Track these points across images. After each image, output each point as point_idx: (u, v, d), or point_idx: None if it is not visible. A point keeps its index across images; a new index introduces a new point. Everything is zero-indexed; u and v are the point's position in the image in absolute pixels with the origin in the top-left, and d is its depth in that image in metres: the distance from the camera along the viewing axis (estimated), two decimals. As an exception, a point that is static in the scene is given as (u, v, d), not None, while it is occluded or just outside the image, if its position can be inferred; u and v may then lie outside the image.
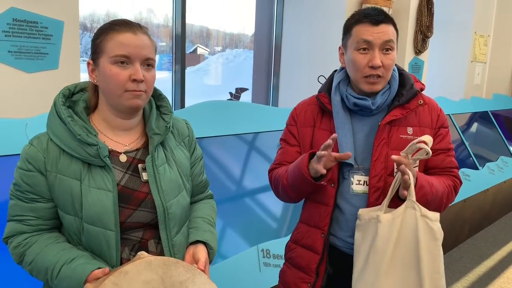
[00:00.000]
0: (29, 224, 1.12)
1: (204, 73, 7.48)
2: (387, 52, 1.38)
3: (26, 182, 1.10)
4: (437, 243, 1.33)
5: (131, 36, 1.10)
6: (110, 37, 1.10)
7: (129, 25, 1.12)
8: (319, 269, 1.47)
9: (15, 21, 1.99)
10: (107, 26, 1.12)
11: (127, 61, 1.10)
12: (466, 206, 3.95)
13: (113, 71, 1.09)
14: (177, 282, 1.06)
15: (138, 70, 1.10)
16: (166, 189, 1.17)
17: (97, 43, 1.12)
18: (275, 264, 2.26)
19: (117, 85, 1.10)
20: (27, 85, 2.08)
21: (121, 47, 1.09)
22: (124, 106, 1.13)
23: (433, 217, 1.34)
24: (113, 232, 1.10)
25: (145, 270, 1.03)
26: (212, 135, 2.45)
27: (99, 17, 4.41)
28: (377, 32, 1.36)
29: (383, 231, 1.32)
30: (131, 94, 1.11)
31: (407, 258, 1.32)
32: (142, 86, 1.11)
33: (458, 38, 5.29)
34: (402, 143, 1.41)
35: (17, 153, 1.65)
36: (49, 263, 1.07)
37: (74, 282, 1.04)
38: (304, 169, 1.35)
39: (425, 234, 1.32)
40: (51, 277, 1.07)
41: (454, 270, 3.56)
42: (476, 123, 5.11)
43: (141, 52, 1.11)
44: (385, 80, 1.41)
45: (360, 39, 1.38)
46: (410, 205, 1.32)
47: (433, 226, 1.33)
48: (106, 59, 1.10)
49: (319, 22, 4.00)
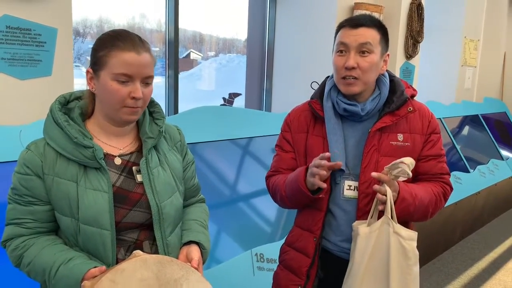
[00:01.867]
0: (27, 227, 1.15)
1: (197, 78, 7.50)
2: (363, 54, 1.39)
3: (24, 186, 1.13)
4: (408, 262, 1.35)
5: (134, 56, 1.12)
6: (114, 54, 1.11)
7: (133, 42, 1.13)
8: (310, 272, 1.49)
9: (9, 28, 2.00)
10: (110, 40, 1.13)
11: (128, 79, 1.12)
12: (457, 209, 3.98)
13: (114, 87, 1.12)
14: (171, 280, 1.09)
15: (138, 89, 1.13)
16: (160, 190, 1.21)
17: (99, 56, 1.13)
18: (269, 268, 2.27)
19: (116, 101, 1.13)
20: (20, 92, 2.08)
21: (124, 67, 1.11)
22: (120, 119, 1.17)
23: (406, 236, 1.36)
24: (109, 231, 1.13)
25: (141, 268, 1.06)
26: (206, 140, 2.46)
27: (92, 23, 4.41)
28: (354, 35, 1.39)
29: (360, 244, 1.37)
30: (129, 110, 1.15)
31: (379, 273, 1.36)
32: (140, 102, 1.15)
33: (448, 42, 5.35)
34: (392, 150, 1.44)
35: (11, 160, 1.65)
36: (47, 264, 1.10)
37: (71, 281, 1.06)
38: (302, 183, 1.38)
39: (396, 251, 1.35)
40: (49, 278, 1.09)
41: (446, 272, 3.59)
42: (467, 127, 5.16)
43: (143, 71, 1.13)
44: (363, 82, 1.41)
45: (338, 42, 1.42)
46: (386, 221, 1.36)
47: (405, 245, 1.35)
48: (108, 74, 1.12)
49: (311, 28, 4.04)
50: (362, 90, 1.43)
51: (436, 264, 3.73)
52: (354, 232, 1.40)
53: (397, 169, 1.32)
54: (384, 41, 1.44)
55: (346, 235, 1.45)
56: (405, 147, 1.45)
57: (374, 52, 1.40)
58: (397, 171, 1.32)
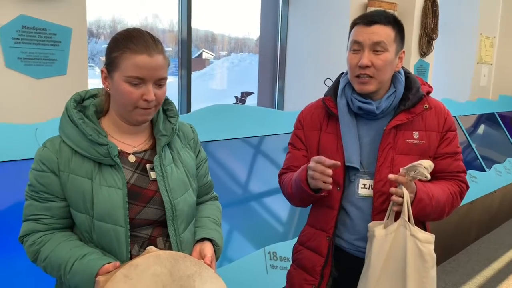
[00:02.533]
0: (43, 223, 1.16)
1: (210, 78, 7.52)
2: (377, 52, 1.37)
3: (40, 183, 1.15)
4: (425, 265, 1.34)
5: (146, 58, 1.11)
6: (126, 56, 1.11)
7: (146, 44, 1.12)
8: (324, 272, 1.48)
9: (25, 28, 2.03)
10: (124, 42, 1.13)
11: (140, 82, 1.13)
12: (473, 208, 3.93)
13: (126, 89, 1.12)
14: (184, 276, 1.10)
15: (150, 91, 1.13)
16: (174, 187, 1.22)
17: (112, 58, 1.14)
18: (282, 267, 2.26)
19: (129, 102, 1.14)
20: (36, 91, 2.11)
21: (136, 70, 1.11)
22: (133, 120, 1.19)
23: (423, 239, 1.34)
24: (123, 228, 1.15)
25: (154, 264, 1.07)
26: (218, 139, 2.47)
27: (105, 23, 4.46)
28: (367, 33, 1.37)
29: (376, 246, 1.36)
30: (142, 111, 1.16)
31: (395, 275, 1.35)
32: (153, 103, 1.16)
33: (463, 40, 5.28)
34: (408, 148, 1.42)
35: (27, 158, 1.68)
36: (62, 259, 1.12)
37: (86, 276, 1.08)
38: (304, 182, 1.37)
39: (413, 255, 1.34)
40: (64, 272, 1.11)
41: (462, 272, 3.54)
42: (483, 125, 5.09)
43: (155, 73, 1.13)
44: (378, 81, 1.39)
45: (352, 40, 1.40)
46: (402, 223, 1.35)
47: (422, 248, 1.34)
48: (120, 76, 1.12)
49: (324, 26, 4.02)
50: (377, 88, 1.41)
51: (451, 264, 3.69)
52: (370, 234, 1.39)
53: (415, 171, 1.30)
54: (399, 38, 1.41)
55: (361, 234, 1.44)
56: (420, 145, 1.43)
57: (388, 50, 1.37)
58: (415, 173, 1.30)
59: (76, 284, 1.10)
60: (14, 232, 1.34)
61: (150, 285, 1.05)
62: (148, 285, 1.05)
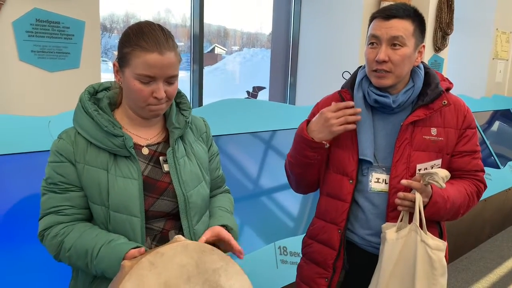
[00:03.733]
0: (65, 214, 1.16)
1: (222, 72, 7.53)
2: (395, 47, 1.35)
3: (59, 173, 1.15)
4: (434, 272, 1.33)
5: (157, 57, 1.10)
6: (137, 54, 1.11)
7: (157, 41, 1.11)
8: (336, 265, 1.47)
9: (38, 22, 2.04)
10: (135, 38, 1.12)
11: (151, 80, 1.12)
12: (487, 206, 3.88)
13: (137, 86, 1.12)
14: (210, 269, 1.10)
15: (160, 89, 1.13)
16: (187, 179, 1.22)
17: (124, 53, 1.13)
18: (292, 262, 2.26)
19: (140, 99, 1.14)
20: (49, 84, 2.13)
21: (146, 68, 1.10)
22: (145, 115, 1.19)
23: (433, 246, 1.33)
24: (139, 218, 1.15)
25: (181, 254, 1.06)
26: (229, 133, 2.47)
27: (118, 18, 4.48)
28: (385, 27, 1.35)
29: (387, 249, 1.35)
30: (152, 107, 1.16)
31: (405, 281, 1.34)
32: (163, 100, 1.15)
33: (479, 35, 5.20)
34: (425, 144, 1.40)
35: (40, 150, 1.69)
36: (89, 245, 1.11)
37: (113, 260, 1.08)
38: (304, 131, 1.39)
39: (422, 261, 1.33)
40: (91, 258, 1.10)
41: (474, 270, 3.50)
42: (498, 122, 5.01)
43: (166, 72, 1.13)
44: (395, 76, 1.37)
45: (370, 34, 1.39)
46: (414, 228, 1.34)
47: (431, 255, 1.33)
48: (131, 73, 1.12)
49: (336, 20, 3.98)
50: (394, 83, 1.39)
51: (464, 262, 3.65)
52: (383, 236, 1.38)
53: (430, 178, 1.29)
54: (419, 31, 1.38)
55: (375, 229, 1.43)
56: (438, 142, 1.41)
57: (406, 45, 1.35)
58: (430, 178, 1.29)
59: (103, 269, 1.09)
60: (28, 223, 1.36)
61: (175, 274, 1.05)
62: (173, 274, 1.04)
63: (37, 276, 1.64)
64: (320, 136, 1.37)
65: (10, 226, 1.65)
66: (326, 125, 1.35)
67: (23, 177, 1.70)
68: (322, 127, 1.36)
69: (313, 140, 1.38)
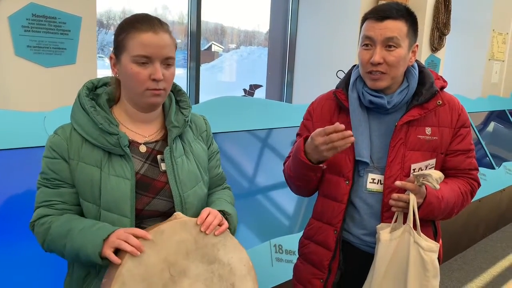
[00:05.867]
0: (56, 208, 1.16)
1: (219, 70, 7.52)
2: (390, 49, 1.33)
3: (52, 169, 1.15)
4: (426, 273, 1.33)
5: (152, 36, 1.11)
6: (132, 35, 1.11)
7: (151, 23, 1.13)
8: (332, 266, 1.47)
9: (34, 17, 2.03)
10: (129, 23, 1.14)
11: (147, 60, 1.12)
12: (481, 206, 3.90)
13: (134, 70, 1.12)
14: (209, 244, 1.13)
15: (157, 70, 1.12)
16: (184, 179, 1.21)
17: (119, 40, 1.14)
18: (287, 260, 2.26)
19: (138, 84, 1.13)
20: (45, 80, 2.12)
21: (142, 48, 1.11)
22: (144, 103, 1.17)
23: (426, 247, 1.34)
24: (128, 219, 1.14)
25: (180, 230, 1.10)
26: (226, 131, 2.46)
27: (115, 14, 4.46)
28: (379, 28, 1.33)
29: (381, 250, 1.36)
30: (151, 92, 1.14)
31: (397, 281, 1.35)
32: (162, 84, 1.14)
33: (475, 35, 5.21)
34: (420, 144, 1.40)
35: (35, 146, 1.68)
36: (74, 226, 1.10)
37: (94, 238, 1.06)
38: (301, 153, 1.35)
39: (414, 262, 1.33)
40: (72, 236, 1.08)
41: (468, 270, 3.52)
42: (493, 122, 5.03)
43: (161, 52, 1.13)
44: (390, 77, 1.36)
45: (364, 35, 1.37)
46: (407, 229, 1.34)
47: (424, 256, 1.33)
48: (128, 57, 1.12)
49: (334, 19, 3.98)
50: (390, 84, 1.38)
51: (458, 261, 3.66)
52: (377, 236, 1.38)
53: (424, 179, 1.29)
54: (412, 31, 1.37)
55: (370, 229, 1.43)
56: (432, 141, 1.40)
57: (401, 46, 1.34)
58: (424, 179, 1.29)
59: (81, 244, 1.07)
60: (23, 218, 1.35)
61: (174, 250, 1.08)
62: (172, 250, 1.08)
63: (32, 272, 1.63)
64: (315, 157, 1.34)
65: (4, 223, 1.64)
66: (317, 150, 1.32)
67: (17, 173, 1.69)
68: (314, 151, 1.33)
69: (310, 163, 1.35)
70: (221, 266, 1.14)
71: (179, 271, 1.08)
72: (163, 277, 1.06)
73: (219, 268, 1.14)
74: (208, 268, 1.12)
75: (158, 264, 1.06)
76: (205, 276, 1.12)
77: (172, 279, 1.07)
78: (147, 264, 1.05)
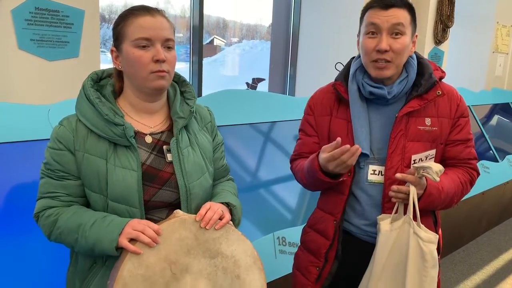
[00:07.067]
0: (61, 200, 1.16)
1: (221, 64, 7.51)
2: (396, 36, 1.34)
3: (56, 161, 1.15)
4: (425, 264, 1.34)
5: (150, 18, 1.13)
6: (130, 21, 1.13)
7: (147, 8, 1.16)
8: (328, 255, 1.49)
9: (38, 10, 2.03)
10: (126, 12, 1.16)
11: (148, 43, 1.13)
12: (484, 199, 3.89)
13: (136, 54, 1.13)
14: (210, 239, 1.13)
15: (159, 51, 1.13)
16: (190, 170, 1.21)
17: (118, 30, 1.15)
18: (291, 252, 2.27)
19: (141, 67, 1.14)
20: (48, 73, 2.12)
21: (141, 30, 1.12)
22: (149, 88, 1.17)
23: (425, 238, 1.34)
24: (138, 209, 1.15)
25: (179, 228, 1.10)
26: (228, 124, 2.46)
27: (117, 8, 4.46)
28: (385, 16, 1.33)
29: (381, 241, 1.37)
30: (155, 75, 1.14)
31: (397, 272, 1.35)
32: (165, 66, 1.15)
33: (479, 28, 5.18)
34: (419, 135, 1.40)
35: (39, 139, 1.69)
36: (83, 220, 1.11)
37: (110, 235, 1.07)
38: (319, 173, 1.35)
39: (414, 253, 1.34)
40: (83, 231, 1.09)
41: (471, 262, 3.53)
42: (497, 115, 5.01)
43: (161, 33, 1.14)
44: (395, 65, 1.37)
45: (369, 23, 1.37)
46: (407, 220, 1.35)
47: (423, 247, 1.34)
48: (128, 43, 1.13)
49: (336, 12, 3.97)
50: (394, 73, 1.38)
51: (461, 254, 3.67)
52: (378, 227, 1.39)
53: (425, 171, 1.30)
54: (413, 21, 1.39)
55: (371, 220, 1.44)
56: (432, 132, 1.41)
57: (406, 34, 1.35)
58: (424, 171, 1.30)
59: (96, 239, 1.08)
60: (27, 211, 1.36)
61: (174, 249, 1.08)
62: (172, 249, 1.08)
63: (35, 263, 1.65)
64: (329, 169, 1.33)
65: (8, 215, 1.65)
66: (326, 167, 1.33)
67: (22, 166, 1.70)
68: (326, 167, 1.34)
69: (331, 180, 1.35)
70: (224, 259, 1.14)
71: (180, 268, 1.08)
72: (165, 276, 1.06)
73: (223, 261, 1.14)
74: (211, 262, 1.13)
75: (159, 263, 1.06)
76: (209, 270, 1.12)
77: (174, 277, 1.07)
78: (148, 264, 1.05)
